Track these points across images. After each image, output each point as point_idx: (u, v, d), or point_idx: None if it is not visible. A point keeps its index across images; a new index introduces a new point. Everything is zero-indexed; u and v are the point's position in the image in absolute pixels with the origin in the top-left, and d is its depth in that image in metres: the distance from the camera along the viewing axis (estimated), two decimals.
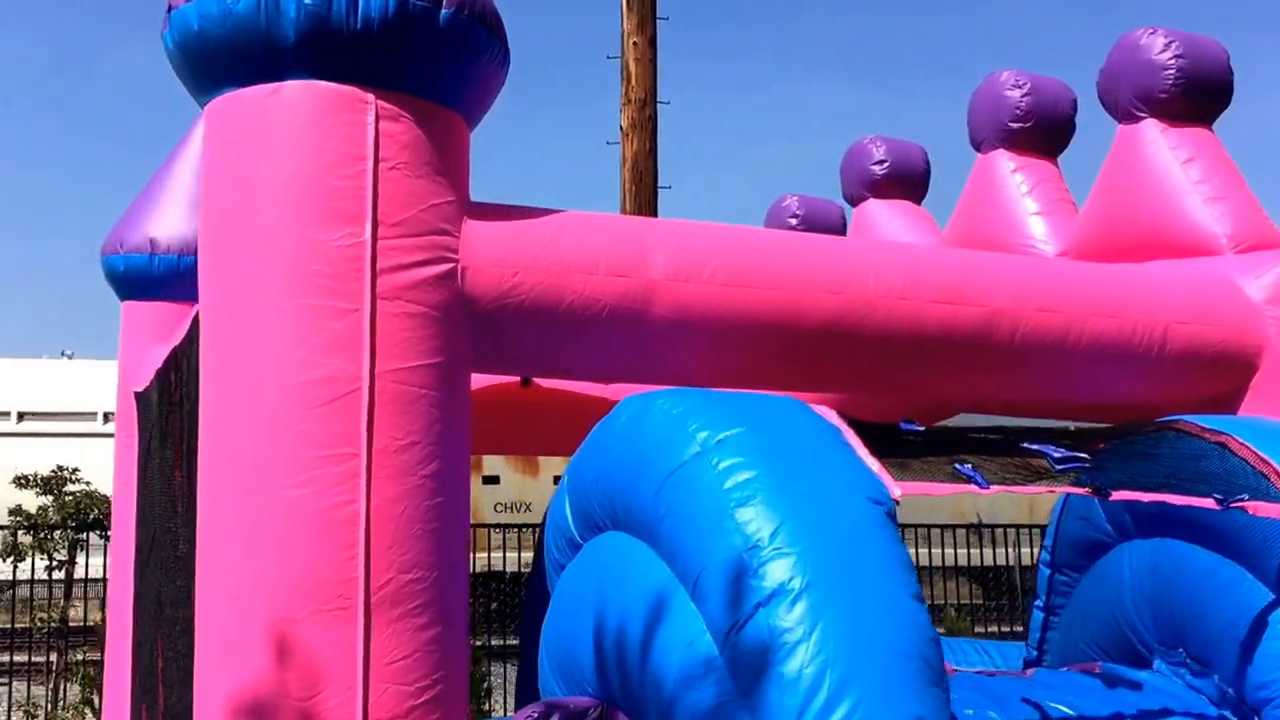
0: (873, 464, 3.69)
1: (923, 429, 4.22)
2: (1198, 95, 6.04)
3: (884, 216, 7.95)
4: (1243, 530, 4.48)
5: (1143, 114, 6.10)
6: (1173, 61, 5.97)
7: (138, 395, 7.09)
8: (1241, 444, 4.38)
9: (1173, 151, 6.01)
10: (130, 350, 7.25)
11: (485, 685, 11.54)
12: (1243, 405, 5.52)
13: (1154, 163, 6.03)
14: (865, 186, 8.06)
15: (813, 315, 4.63)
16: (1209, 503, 3.99)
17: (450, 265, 4.04)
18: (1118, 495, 3.96)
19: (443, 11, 3.94)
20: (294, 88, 3.93)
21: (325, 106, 3.93)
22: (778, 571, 3.30)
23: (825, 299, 4.64)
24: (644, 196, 13.24)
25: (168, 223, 7.06)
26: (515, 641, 7.42)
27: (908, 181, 8.05)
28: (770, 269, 4.59)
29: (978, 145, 7.19)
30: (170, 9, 4.06)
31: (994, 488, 3.85)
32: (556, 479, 4.33)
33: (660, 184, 13.44)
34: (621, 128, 13.38)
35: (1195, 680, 4.68)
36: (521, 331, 4.26)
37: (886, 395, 5.62)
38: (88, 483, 13.63)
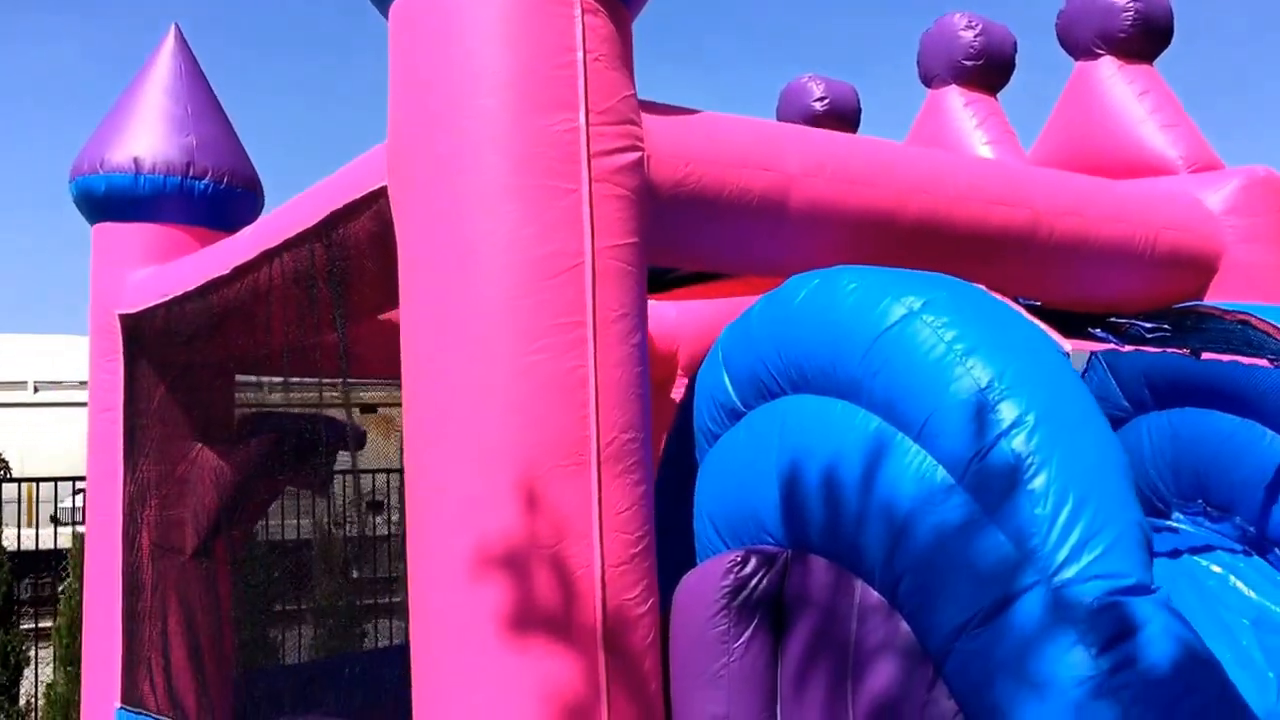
0: (1038, 323, 4.26)
1: (1039, 303, 4.81)
2: (1149, 35, 6.89)
3: None
4: (1264, 395, 5.27)
5: (1101, 51, 6.91)
6: (1130, 5, 6.79)
7: (126, 318, 6.99)
8: (1260, 320, 5.19)
9: (1129, 85, 6.84)
10: (107, 273, 7.12)
11: None
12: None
13: (1113, 95, 6.85)
14: (806, 123, 8.63)
15: (906, 213, 5.16)
16: (1263, 362, 4.76)
17: (640, 154, 4.35)
18: (1207, 356, 4.68)
19: None
20: None
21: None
22: (1010, 408, 3.81)
23: (915, 199, 5.18)
24: None
25: (150, 142, 7.00)
26: None
27: (844, 118, 8.69)
28: (871, 170, 5.10)
29: (928, 81, 7.88)
30: None
31: (1128, 346, 4.50)
32: None
33: None
34: None
35: (1213, 525, 5.48)
36: (688, 220, 4.62)
37: None
38: None
